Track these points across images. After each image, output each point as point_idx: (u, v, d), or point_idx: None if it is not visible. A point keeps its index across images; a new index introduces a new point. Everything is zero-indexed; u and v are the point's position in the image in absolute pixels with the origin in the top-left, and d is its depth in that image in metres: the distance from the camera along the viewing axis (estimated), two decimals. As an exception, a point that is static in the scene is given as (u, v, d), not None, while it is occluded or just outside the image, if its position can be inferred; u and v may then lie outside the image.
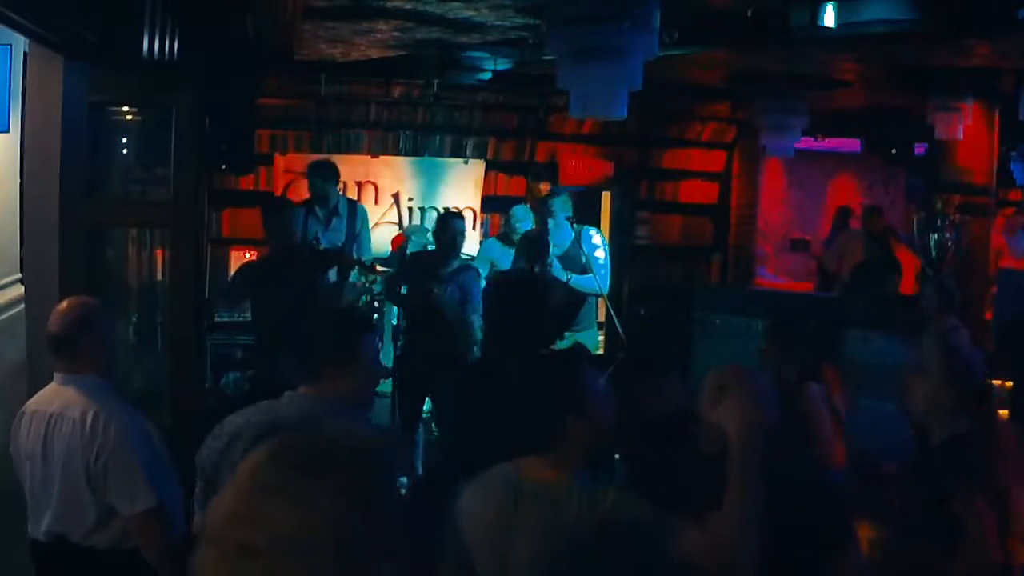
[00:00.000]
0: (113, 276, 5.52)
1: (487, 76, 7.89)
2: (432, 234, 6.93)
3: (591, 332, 7.20)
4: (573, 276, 6.72)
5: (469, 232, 9.10)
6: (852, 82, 8.29)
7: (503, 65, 7.58)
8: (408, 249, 7.84)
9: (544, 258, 6.32)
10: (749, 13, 5.61)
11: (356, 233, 7.22)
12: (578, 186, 10.22)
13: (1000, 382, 5.14)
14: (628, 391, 3.01)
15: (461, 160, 9.32)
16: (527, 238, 6.64)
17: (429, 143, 9.27)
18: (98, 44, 4.07)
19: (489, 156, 9.46)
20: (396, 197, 8.96)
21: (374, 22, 6.05)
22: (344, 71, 8.03)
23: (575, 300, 6.65)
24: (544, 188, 10.09)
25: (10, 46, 4.37)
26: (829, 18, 5.29)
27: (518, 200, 8.62)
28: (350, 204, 7.45)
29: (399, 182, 9.03)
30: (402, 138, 9.19)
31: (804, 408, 4.02)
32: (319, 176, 7.16)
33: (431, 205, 9.08)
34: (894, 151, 11.79)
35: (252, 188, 8.60)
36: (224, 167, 6.94)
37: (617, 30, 4.77)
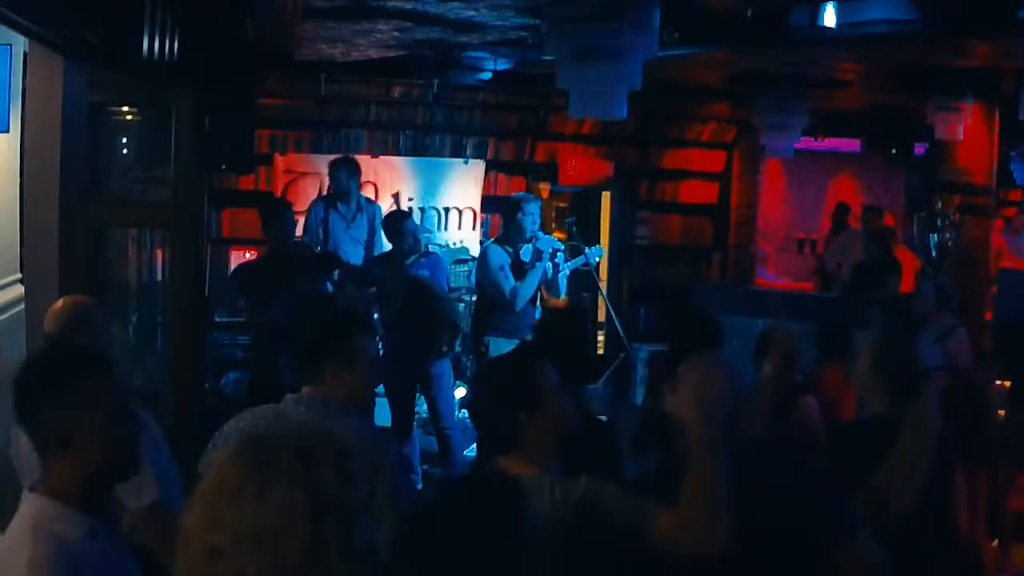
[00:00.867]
0: (113, 276, 5.51)
1: (487, 76, 7.89)
2: (386, 235, 6.83)
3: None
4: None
5: (469, 232, 9.15)
6: (852, 82, 8.29)
7: (503, 65, 7.59)
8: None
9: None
10: (749, 13, 5.61)
11: (375, 229, 7.29)
12: (578, 186, 10.24)
13: (1000, 382, 5.16)
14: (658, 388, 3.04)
15: (461, 160, 9.32)
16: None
17: (429, 143, 9.26)
18: (98, 44, 4.07)
19: (489, 156, 9.46)
20: (396, 197, 8.96)
21: (374, 22, 6.05)
22: (344, 71, 8.03)
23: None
24: (544, 188, 10.11)
25: (10, 46, 4.36)
26: (829, 18, 5.30)
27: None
28: (368, 201, 7.52)
29: (399, 182, 9.02)
30: (402, 138, 9.18)
31: (802, 418, 4.01)
32: (345, 172, 7.21)
33: (431, 205, 9.08)
34: (894, 151, 11.79)
35: (252, 188, 8.59)
36: (224, 167, 6.92)
37: (617, 30, 4.78)
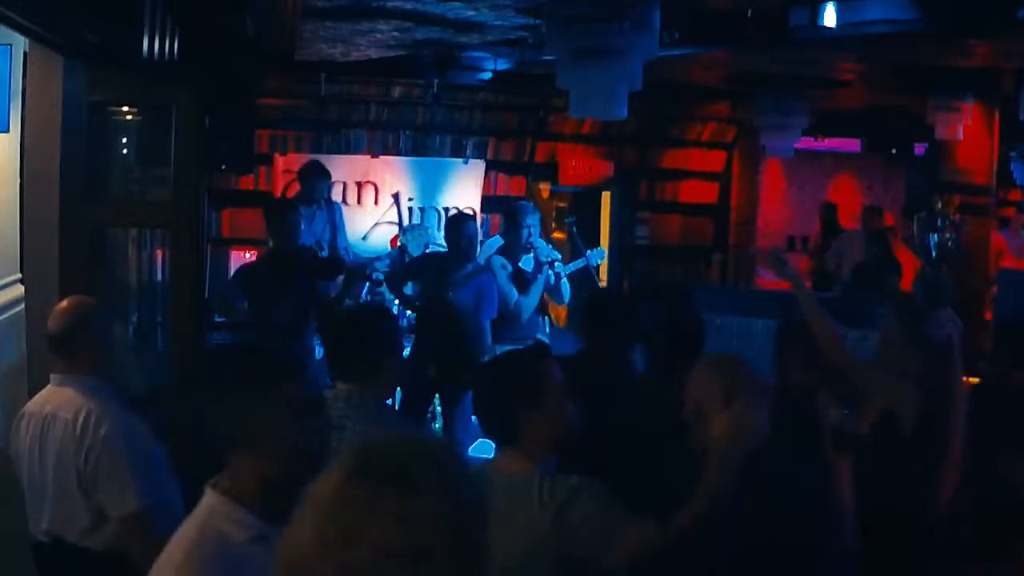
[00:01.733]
0: (113, 276, 5.50)
1: (487, 76, 7.89)
2: (444, 237, 6.84)
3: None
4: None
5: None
6: (852, 82, 8.29)
7: (503, 65, 7.59)
8: (409, 248, 7.84)
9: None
10: (749, 13, 5.61)
11: (336, 221, 7.44)
12: (578, 186, 10.24)
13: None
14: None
15: (461, 160, 9.32)
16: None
17: (429, 143, 9.27)
18: (98, 44, 4.06)
19: (489, 156, 9.46)
20: (396, 197, 8.96)
21: (374, 22, 6.05)
22: (344, 71, 8.03)
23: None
24: (544, 188, 10.10)
25: (10, 46, 4.35)
26: (829, 18, 5.30)
27: (518, 200, 8.58)
28: (327, 201, 7.65)
29: (399, 182, 9.02)
30: (402, 138, 9.19)
31: (816, 418, 3.97)
32: (322, 177, 7.33)
33: (431, 205, 9.08)
34: (894, 151, 11.79)
35: (252, 188, 8.61)
36: (224, 167, 6.95)
37: (617, 30, 4.77)
